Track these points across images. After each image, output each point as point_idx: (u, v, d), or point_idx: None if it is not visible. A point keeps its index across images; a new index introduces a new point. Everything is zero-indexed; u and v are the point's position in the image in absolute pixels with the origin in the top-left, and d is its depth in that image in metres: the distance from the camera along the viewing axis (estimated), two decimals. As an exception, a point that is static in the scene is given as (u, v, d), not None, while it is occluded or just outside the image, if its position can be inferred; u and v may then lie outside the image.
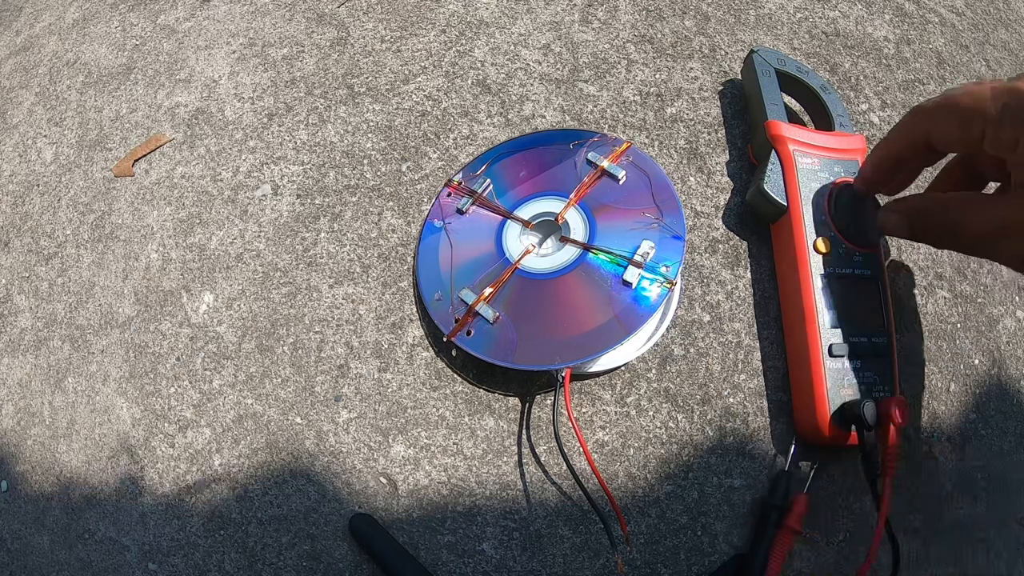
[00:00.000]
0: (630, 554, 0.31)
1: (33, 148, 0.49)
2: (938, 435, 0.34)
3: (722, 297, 0.35)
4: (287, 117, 0.43)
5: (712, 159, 0.39)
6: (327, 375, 0.36)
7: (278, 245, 0.40)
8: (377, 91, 0.43)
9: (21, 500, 0.38)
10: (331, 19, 0.47)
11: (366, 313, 0.37)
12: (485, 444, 0.34)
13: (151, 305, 0.40)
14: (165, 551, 0.35)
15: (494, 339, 0.33)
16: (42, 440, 0.39)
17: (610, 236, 0.34)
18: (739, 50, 0.42)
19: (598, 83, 0.41)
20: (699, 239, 0.37)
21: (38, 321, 0.42)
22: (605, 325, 0.32)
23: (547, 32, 0.44)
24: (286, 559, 0.33)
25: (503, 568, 0.32)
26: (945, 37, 0.44)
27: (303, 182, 0.41)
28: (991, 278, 0.37)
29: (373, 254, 0.38)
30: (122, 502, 0.36)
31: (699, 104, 0.40)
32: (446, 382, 0.35)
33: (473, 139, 0.41)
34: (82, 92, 0.50)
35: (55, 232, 0.44)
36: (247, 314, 0.38)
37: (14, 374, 0.41)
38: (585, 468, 0.32)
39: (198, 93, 0.46)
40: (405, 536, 0.33)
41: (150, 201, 0.43)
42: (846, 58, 0.42)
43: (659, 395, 0.34)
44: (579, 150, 0.37)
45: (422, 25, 0.45)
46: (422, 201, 0.39)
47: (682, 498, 0.32)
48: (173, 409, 0.37)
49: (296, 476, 0.35)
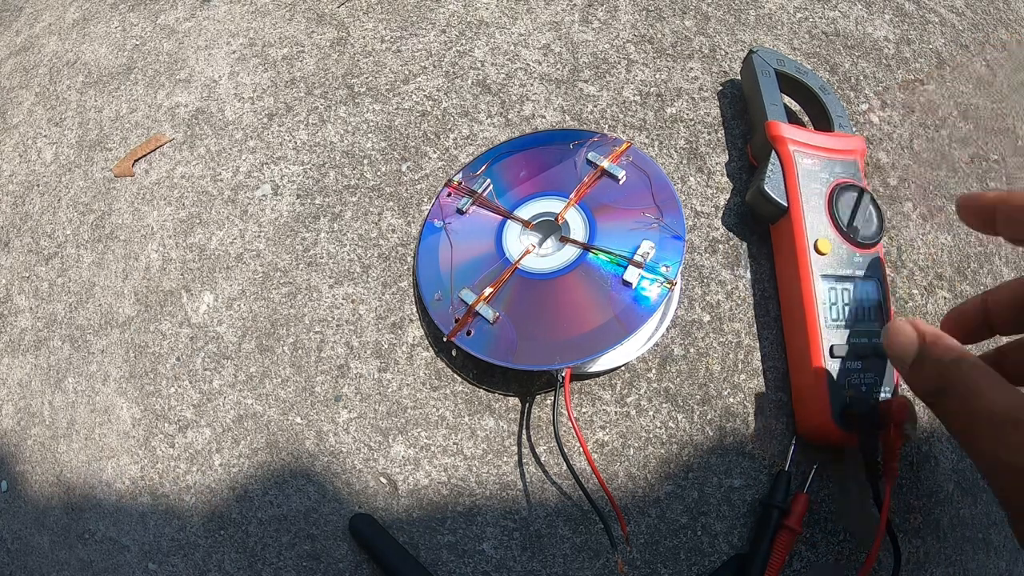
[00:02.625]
0: (630, 554, 0.31)
1: (33, 148, 0.48)
2: (938, 435, 0.34)
3: (722, 297, 0.35)
4: (287, 117, 0.43)
5: (712, 159, 0.39)
6: (327, 375, 0.36)
7: (278, 245, 0.40)
8: (377, 91, 0.43)
9: (21, 500, 0.38)
10: (331, 19, 0.47)
11: (366, 313, 0.37)
12: (485, 444, 0.34)
13: (151, 305, 0.40)
14: (165, 551, 0.35)
15: (494, 339, 0.33)
16: (42, 440, 0.39)
17: (610, 236, 0.34)
18: (739, 50, 0.42)
19: (598, 83, 0.41)
20: (699, 239, 0.37)
21: (38, 321, 0.42)
22: (605, 325, 0.32)
23: (547, 32, 0.44)
24: (286, 559, 0.33)
25: (503, 568, 0.32)
26: (945, 37, 0.44)
27: (303, 182, 0.41)
28: (991, 278, 0.37)
29: (373, 254, 0.38)
30: (122, 502, 0.36)
31: (699, 104, 0.40)
32: (446, 382, 0.35)
33: (473, 139, 0.41)
34: (82, 92, 0.50)
35: (55, 232, 0.44)
36: (247, 314, 0.38)
37: (14, 374, 0.41)
38: (585, 468, 0.32)
39: (198, 93, 0.46)
40: (405, 536, 0.33)
41: (150, 201, 0.43)
42: (846, 58, 0.42)
43: (659, 395, 0.34)
44: (579, 150, 0.37)
45: (422, 25, 0.45)
46: (422, 201, 0.39)
47: (682, 498, 0.32)
48: (173, 409, 0.37)
49: (296, 476, 0.35)
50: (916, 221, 0.38)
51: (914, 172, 0.39)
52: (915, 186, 0.39)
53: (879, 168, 0.39)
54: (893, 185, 0.38)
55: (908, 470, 0.32)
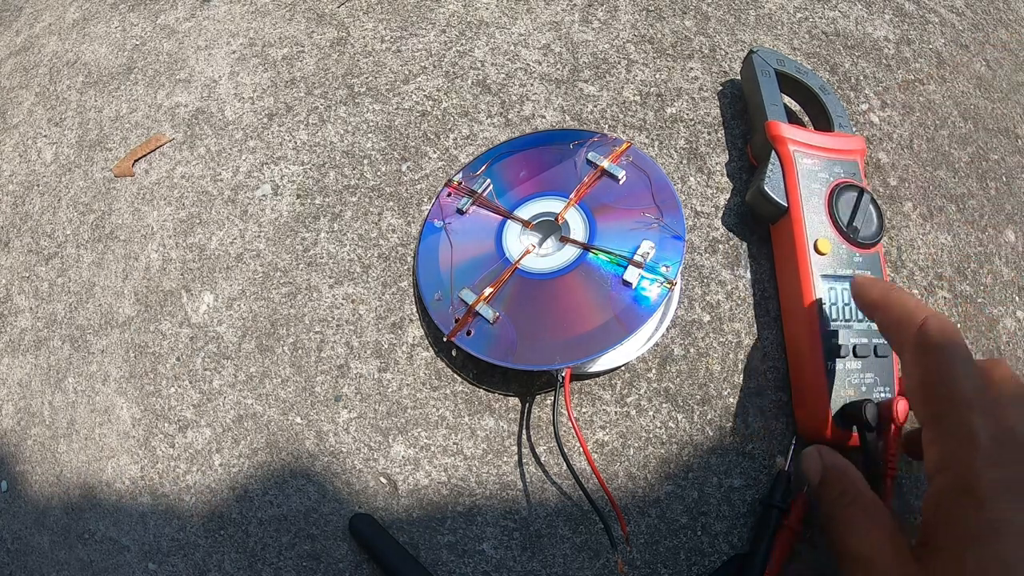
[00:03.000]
0: (630, 554, 0.31)
1: (33, 148, 0.49)
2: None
3: (722, 297, 0.35)
4: (287, 117, 0.43)
5: (712, 159, 0.39)
6: (327, 375, 0.36)
7: (278, 245, 0.40)
8: (377, 91, 0.43)
9: (21, 500, 0.38)
10: (331, 19, 0.47)
11: (366, 313, 0.37)
12: (485, 444, 0.34)
13: (151, 305, 0.40)
14: (165, 551, 0.35)
15: (494, 339, 0.33)
16: (42, 440, 0.39)
17: (610, 236, 0.34)
18: (739, 50, 0.42)
19: (598, 83, 0.41)
20: (699, 239, 0.37)
21: (38, 321, 0.42)
22: (605, 325, 0.32)
23: (547, 32, 0.44)
24: (286, 559, 0.33)
25: (503, 568, 0.32)
26: (945, 37, 0.44)
27: (303, 182, 0.41)
28: (991, 278, 0.37)
29: (373, 254, 0.38)
30: (122, 502, 0.36)
31: (699, 104, 0.40)
32: (446, 382, 0.35)
33: (473, 139, 0.41)
34: (82, 92, 0.50)
35: (55, 232, 0.44)
36: (247, 314, 0.38)
37: (14, 374, 0.41)
38: (585, 468, 0.32)
39: (198, 93, 0.46)
40: (405, 536, 0.33)
41: (150, 201, 0.43)
42: (846, 58, 0.42)
43: (659, 395, 0.34)
44: (579, 150, 0.37)
45: (422, 25, 0.45)
46: (422, 201, 0.39)
47: (682, 498, 0.32)
48: (173, 409, 0.37)
49: (296, 476, 0.35)
50: (916, 221, 0.38)
51: (914, 172, 0.39)
52: (915, 186, 0.39)
53: (879, 168, 0.39)
54: (893, 185, 0.38)
55: (908, 470, 0.32)
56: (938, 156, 0.40)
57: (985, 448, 0.22)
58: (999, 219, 0.39)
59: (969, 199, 0.39)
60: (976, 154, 0.40)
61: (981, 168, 0.40)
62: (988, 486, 0.22)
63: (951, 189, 0.39)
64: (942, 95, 0.42)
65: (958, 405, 0.23)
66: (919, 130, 0.40)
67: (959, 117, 0.41)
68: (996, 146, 0.41)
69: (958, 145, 0.40)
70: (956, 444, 0.23)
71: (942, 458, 0.24)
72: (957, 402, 0.24)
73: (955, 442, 0.23)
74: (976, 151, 0.40)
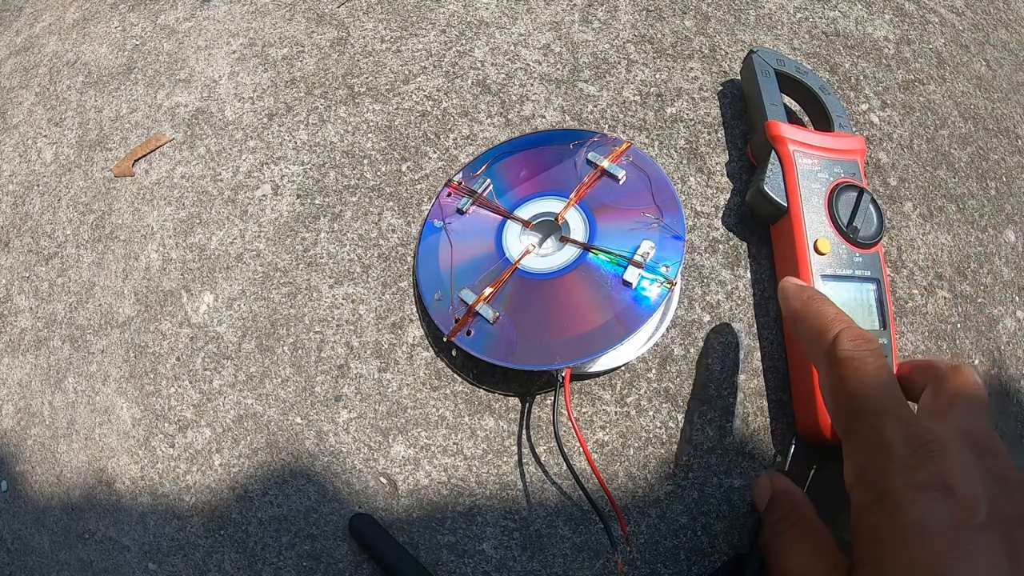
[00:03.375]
0: (630, 554, 0.31)
1: (33, 148, 0.49)
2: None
3: (722, 297, 0.35)
4: (287, 117, 0.43)
5: (712, 159, 0.39)
6: (327, 375, 0.36)
7: (278, 245, 0.40)
8: (377, 91, 0.43)
9: (21, 500, 0.38)
10: (331, 19, 0.47)
11: (366, 313, 0.37)
12: (485, 444, 0.34)
13: (151, 305, 0.40)
14: (165, 551, 0.35)
15: (494, 339, 0.33)
16: (42, 440, 0.39)
17: (610, 236, 0.34)
18: (739, 50, 0.42)
19: (598, 83, 0.41)
20: (699, 239, 0.37)
21: (38, 321, 0.42)
22: (605, 325, 0.32)
23: (547, 32, 0.44)
24: (286, 559, 0.33)
25: (503, 568, 0.32)
26: (945, 37, 0.44)
27: (303, 182, 0.41)
28: (991, 278, 0.37)
29: (373, 254, 0.38)
30: (122, 502, 0.36)
31: (699, 104, 0.40)
32: (446, 382, 0.35)
33: (473, 139, 0.41)
34: (82, 92, 0.50)
35: (55, 232, 0.44)
36: (247, 314, 0.38)
37: (14, 374, 0.41)
38: (585, 468, 0.32)
39: (198, 93, 0.46)
40: (405, 536, 0.33)
41: (150, 201, 0.43)
42: (846, 58, 0.42)
43: (659, 395, 0.34)
44: (579, 150, 0.37)
45: (422, 25, 0.45)
46: (422, 201, 0.39)
47: (682, 498, 0.32)
48: (173, 409, 0.37)
49: (296, 476, 0.35)
50: (916, 221, 0.38)
51: (914, 172, 0.39)
52: (915, 186, 0.39)
53: (879, 168, 0.39)
54: (893, 185, 0.38)
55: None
56: (938, 156, 0.40)
57: (898, 455, 0.22)
58: (999, 219, 0.39)
59: (969, 199, 0.39)
60: (976, 154, 0.40)
61: (981, 168, 0.40)
62: (900, 490, 0.21)
63: (951, 189, 0.39)
64: (942, 95, 0.42)
65: (870, 415, 0.23)
66: (919, 130, 0.40)
67: (959, 117, 0.41)
68: (996, 146, 0.41)
69: (958, 145, 0.40)
70: (870, 454, 0.23)
71: (859, 470, 0.23)
72: (869, 412, 0.23)
73: (868, 452, 0.23)
74: (976, 151, 0.40)
